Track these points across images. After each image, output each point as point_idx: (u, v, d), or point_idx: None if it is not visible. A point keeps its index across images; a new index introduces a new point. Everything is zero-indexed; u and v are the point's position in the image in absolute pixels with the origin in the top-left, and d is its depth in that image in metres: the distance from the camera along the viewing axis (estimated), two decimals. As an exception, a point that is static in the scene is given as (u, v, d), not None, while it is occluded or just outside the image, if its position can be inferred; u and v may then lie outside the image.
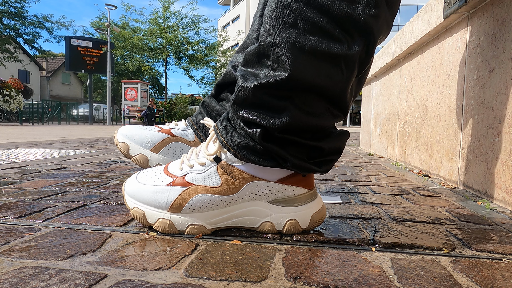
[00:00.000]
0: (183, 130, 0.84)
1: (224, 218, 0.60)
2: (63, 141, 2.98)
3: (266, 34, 0.53)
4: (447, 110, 1.21)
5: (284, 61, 0.51)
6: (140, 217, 0.60)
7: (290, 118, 0.53)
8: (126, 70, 19.77)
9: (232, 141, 0.57)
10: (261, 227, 0.60)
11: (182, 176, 0.60)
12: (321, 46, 0.50)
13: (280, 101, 0.54)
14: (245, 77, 0.56)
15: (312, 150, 0.58)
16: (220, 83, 0.85)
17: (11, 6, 15.40)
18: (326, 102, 0.55)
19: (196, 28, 18.21)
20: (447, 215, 0.75)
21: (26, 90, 9.92)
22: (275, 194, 0.60)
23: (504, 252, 0.54)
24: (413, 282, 0.43)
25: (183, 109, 16.31)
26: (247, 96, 0.55)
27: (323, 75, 0.52)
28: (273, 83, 0.52)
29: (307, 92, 0.53)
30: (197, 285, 0.41)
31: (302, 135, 0.56)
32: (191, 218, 0.59)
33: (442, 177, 1.23)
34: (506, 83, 0.83)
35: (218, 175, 0.59)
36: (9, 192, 0.87)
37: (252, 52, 0.56)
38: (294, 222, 0.59)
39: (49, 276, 0.42)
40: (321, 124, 0.57)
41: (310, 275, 0.44)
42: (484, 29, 0.96)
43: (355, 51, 0.52)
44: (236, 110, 0.57)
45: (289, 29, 0.51)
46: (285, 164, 0.57)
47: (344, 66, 0.52)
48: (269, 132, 0.55)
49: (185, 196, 0.58)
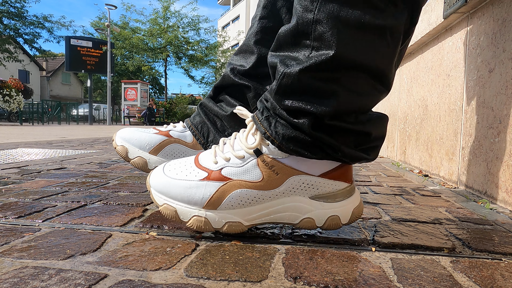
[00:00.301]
0: (181, 132, 0.84)
1: (262, 214, 0.57)
2: (63, 141, 2.98)
3: (305, 10, 0.49)
4: (447, 110, 1.21)
5: (329, 38, 0.48)
6: (172, 215, 0.56)
7: (340, 101, 0.50)
8: (126, 70, 19.77)
9: (276, 132, 0.53)
10: (301, 223, 0.57)
11: (218, 170, 0.56)
12: (365, 18, 0.47)
13: (328, 84, 0.50)
14: (284, 62, 0.52)
15: (359, 136, 0.55)
16: (218, 85, 0.84)
17: (11, 6, 15.41)
18: (372, 78, 0.52)
19: (196, 28, 18.22)
20: (447, 215, 0.75)
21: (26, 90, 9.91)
22: (317, 189, 0.57)
23: (504, 252, 0.54)
24: (413, 282, 0.43)
25: (183, 109, 16.32)
26: (291, 83, 0.51)
27: (369, 49, 0.49)
28: (319, 64, 0.49)
29: (353, 69, 0.50)
30: (197, 285, 0.41)
31: (347, 119, 0.53)
32: (228, 215, 0.55)
33: (442, 177, 1.23)
34: (506, 83, 0.83)
35: (259, 168, 0.55)
36: (9, 192, 0.87)
37: (287, 33, 0.52)
38: (336, 218, 0.57)
39: (49, 276, 0.42)
40: (368, 104, 0.54)
41: (310, 275, 0.44)
42: (484, 29, 0.96)
43: (401, 20, 0.49)
44: (279, 100, 0.53)
45: (330, 3, 0.47)
46: (335, 154, 0.54)
47: (390, 38, 0.49)
48: (319, 119, 0.51)
49: (223, 192, 0.55)
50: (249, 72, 0.78)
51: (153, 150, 0.80)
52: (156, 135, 0.82)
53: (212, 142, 0.82)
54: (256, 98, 0.79)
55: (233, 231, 0.55)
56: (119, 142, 0.82)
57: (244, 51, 0.81)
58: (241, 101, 0.81)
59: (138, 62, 17.53)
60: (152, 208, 0.74)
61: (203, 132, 0.83)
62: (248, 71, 0.78)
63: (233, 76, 0.80)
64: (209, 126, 0.82)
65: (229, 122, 0.80)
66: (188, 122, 0.85)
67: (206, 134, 0.82)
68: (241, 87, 0.80)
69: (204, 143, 0.82)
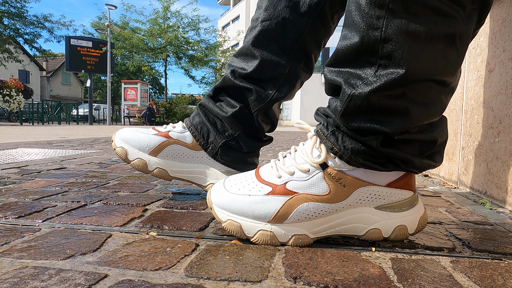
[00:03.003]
0: (180, 133, 0.83)
1: (328, 227, 0.56)
2: (63, 141, 2.98)
3: (370, 27, 0.46)
4: (447, 110, 1.21)
5: (399, 55, 0.46)
6: (236, 230, 0.55)
7: (412, 116, 0.49)
8: (126, 70, 19.78)
9: (345, 147, 0.52)
10: (367, 235, 0.56)
11: (282, 185, 0.55)
12: (436, 28, 0.45)
13: (398, 101, 0.48)
14: (349, 82, 0.50)
15: (424, 144, 0.53)
16: (219, 86, 0.83)
17: (11, 6, 15.41)
18: (438, 85, 0.49)
19: (196, 28, 18.22)
20: (447, 215, 0.75)
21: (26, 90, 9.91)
22: (383, 199, 0.56)
23: (504, 252, 0.54)
24: (413, 282, 0.43)
25: (183, 109, 16.33)
26: (360, 105, 0.49)
27: (438, 59, 0.47)
28: (389, 84, 0.47)
29: (422, 82, 0.48)
30: (197, 285, 0.41)
31: (413, 130, 0.51)
32: (295, 228, 0.54)
33: (442, 177, 1.23)
34: (506, 83, 0.83)
35: (325, 181, 0.54)
36: (9, 192, 0.87)
37: (348, 50, 0.50)
38: (403, 228, 0.56)
39: (49, 276, 0.42)
40: (439, 112, 0.52)
41: (310, 275, 0.44)
42: (484, 29, 0.96)
43: (470, 23, 0.46)
44: (345, 121, 0.52)
45: (398, 18, 0.45)
46: (406, 166, 0.53)
47: (459, 43, 0.47)
48: (389, 136, 0.50)
49: (290, 206, 0.54)
50: (250, 75, 0.77)
51: (153, 151, 0.80)
52: (155, 136, 0.81)
53: (212, 143, 0.81)
54: (257, 101, 0.78)
55: (299, 244, 0.55)
56: (118, 144, 0.81)
57: (245, 54, 0.79)
58: (242, 102, 0.80)
59: (138, 62, 17.53)
60: (152, 208, 0.74)
61: (202, 133, 0.82)
62: (249, 74, 0.77)
63: (233, 78, 0.79)
64: (209, 127, 0.81)
65: (230, 123, 0.80)
66: (188, 122, 0.84)
67: (206, 135, 0.81)
68: (242, 89, 0.79)
69: (204, 144, 0.81)
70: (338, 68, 0.52)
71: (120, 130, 0.84)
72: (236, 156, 0.82)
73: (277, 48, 0.76)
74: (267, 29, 0.75)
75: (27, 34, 16.40)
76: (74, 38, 14.99)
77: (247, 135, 0.81)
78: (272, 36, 0.75)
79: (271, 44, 0.76)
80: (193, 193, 0.91)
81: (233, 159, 0.82)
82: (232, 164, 0.82)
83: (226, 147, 0.81)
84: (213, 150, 0.81)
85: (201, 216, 0.69)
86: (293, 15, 0.74)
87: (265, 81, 0.77)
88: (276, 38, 0.75)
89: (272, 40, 0.75)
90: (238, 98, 0.81)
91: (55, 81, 29.95)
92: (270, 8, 0.75)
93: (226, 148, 0.81)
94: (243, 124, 0.80)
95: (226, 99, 0.82)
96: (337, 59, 0.52)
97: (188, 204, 0.79)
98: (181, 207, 0.76)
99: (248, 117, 0.80)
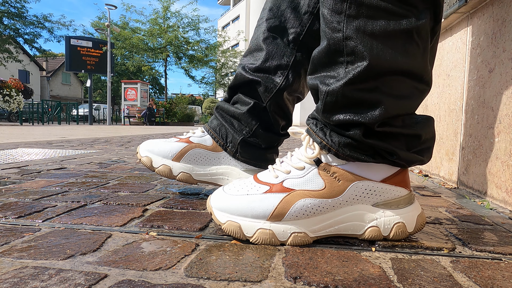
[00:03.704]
0: (200, 137, 0.87)
1: (327, 225, 0.57)
2: (63, 141, 2.98)
3: (333, 31, 0.53)
4: (447, 110, 1.21)
5: (360, 50, 0.51)
6: (236, 230, 0.55)
7: (386, 107, 0.53)
8: (126, 70, 19.78)
9: (332, 141, 0.56)
10: (366, 234, 0.57)
11: (279, 183, 0.57)
12: (389, 26, 0.50)
13: (370, 93, 0.53)
14: (324, 82, 0.55)
15: (410, 139, 0.57)
16: (232, 85, 0.88)
17: (11, 6, 15.41)
18: (411, 79, 0.54)
19: (196, 28, 18.22)
20: (447, 215, 0.75)
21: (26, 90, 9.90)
22: (379, 195, 0.57)
23: (504, 252, 0.54)
24: (413, 282, 0.43)
25: (183, 109, 16.31)
26: (336, 100, 0.54)
27: (401, 53, 0.52)
28: (357, 76, 0.52)
29: (390, 75, 0.53)
30: (197, 285, 0.41)
31: (396, 123, 0.55)
32: (293, 226, 0.55)
33: (442, 177, 1.23)
34: (506, 83, 0.83)
35: (320, 177, 0.56)
36: (9, 192, 0.87)
37: (321, 54, 0.56)
38: (402, 226, 0.57)
39: (49, 276, 0.42)
40: (413, 105, 0.56)
41: (310, 275, 0.44)
42: (484, 29, 0.96)
43: (424, 20, 0.51)
44: (328, 117, 0.56)
45: (355, 20, 0.51)
46: (391, 157, 0.56)
47: (418, 38, 0.52)
48: (369, 128, 0.54)
49: (287, 203, 0.55)
50: (259, 67, 0.82)
51: (176, 157, 0.84)
52: (177, 143, 0.85)
53: (231, 142, 0.85)
54: (267, 92, 0.82)
55: (299, 243, 0.55)
56: (143, 154, 0.86)
57: (253, 50, 0.85)
58: (255, 98, 0.84)
59: (138, 62, 17.53)
60: (152, 208, 0.74)
61: (221, 134, 0.86)
62: (258, 67, 0.82)
63: (244, 73, 0.84)
64: (227, 127, 0.86)
65: (246, 120, 0.84)
66: (207, 126, 0.89)
67: (225, 136, 0.86)
68: (252, 83, 0.83)
69: (224, 144, 0.86)
70: (316, 74, 0.58)
71: (144, 142, 0.89)
72: (255, 153, 0.85)
73: (282, 42, 0.82)
74: (271, 26, 0.82)
75: (27, 34, 16.40)
76: (74, 38, 14.99)
77: (263, 129, 0.85)
78: (276, 32, 0.82)
79: (276, 38, 0.82)
80: (193, 193, 0.91)
81: (253, 156, 0.85)
82: (252, 162, 0.85)
83: (245, 144, 0.85)
84: (233, 149, 0.85)
85: (201, 216, 0.69)
86: (294, 13, 0.80)
87: (273, 71, 0.82)
88: (280, 33, 0.82)
89: (277, 35, 0.82)
90: (251, 94, 0.85)
91: (55, 81, 29.95)
92: (274, 8, 0.82)
93: (244, 145, 0.85)
94: (259, 119, 0.85)
95: (240, 98, 0.86)
96: (314, 65, 0.58)
97: (188, 204, 0.79)
98: (181, 207, 0.76)
99: (262, 112, 0.84)
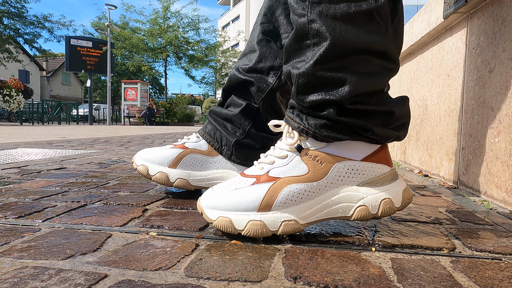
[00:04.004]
0: (195, 142, 0.87)
1: (316, 210, 0.58)
2: (63, 141, 2.98)
3: (299, 16, 0.56)
4: (447, 110, 1.21)
5: (323, 31, 0.54)
6: (227, 225, 0.56)
7: (353, 84, 0.55)
8: (126, 70, 19.77)
9: (309, 123, 0.58)
10: (355, 214, 0.58)
11: (265, 173, 0.59)
12: (350, 9, 0.54)
13: (338, 72, 0.55)
14: (295, 66, 0.58)
15: (385, 116, 0.59)
16: (226, 87, 0.88)
17: (11, 6, 15.40)
18: (377, 58, 0.57)
19: (196, 28, 18.22)
20: (447, 215, 0.75)
21: (26, 90, 9.90)
22: (362, 174, 0.59)
23: (504, 252, 0.54)
24: (413, 282, 0.43)
25: (183, 109, 16.31)
26: (307, 81, 0.57)
27: (363, 32, 0.54)
28: (323, 56, 0.55)
29: (356, 54, 0.55)
30: (197, 285, 0.41)
31: (369, 101, 0.57)
32: (283, 214, 0.56)
33: (442, 177, 1.23)
34: (506, 83, 0.83)
35: (303, 162, 0.58)
36: (9, 192, 0.87)
37: (291, 42, 0.59)
38: (389, 201, 0.58)
39: (49, 276, 0.42)
40: (381, 82, 0.58)
41: (310, 275, 0.44)
42: (484, 29, 0.96)
43: (383, 0, 0.54)
44: (302, 100, 0.58)
45: (318, 5, 0.54)
46: (367, 133, 0.58)
47: (378, 18, 0.55)
48: (341, 105, 0.56)
49: (274, 191, 0.57)
50: (252, 68, 0.83)
51: (172, 163, 0.84)
52: (172, 149, 0.85)
53: (226, 145, 0.86)
54: (259, 92, 0.83)
55: (290, 231, 0.56)
56: (139, 162, 0.86)
57: (248, 52, 0.86)
58: (248, 99, 0.84)
59: (138, 62, 17.52)
60: (152, 208, 0.74)
61: (216, 138, 0.87)
62: (251, 67, 0.83)
63: (238, 73, 0.85)
64: (220, 130, 0.86)
65: (239, 121, 0.84)
66: (201, 131, 0.89)
67: (219, 139, 0.86)
68: (245, 84, 0.84)
69: (219, 147, 0.86)
70: (289, 62, 0.61)
71: (139, 151, 0.89)
72: (250, 154, 0.86)
73: (275, 45, 0.83)
74: (265, 30, 0.84)
75: (27, 34, 16.40)
76: (74, 38, 14.99)
77: (257, 130, 0.85)
78: (270, 36, 0.83)
79: (270, 41, 0.83)
80: (193, 193, 0.91)
81: (248, 157, 0.86)
82: (248, 163, 0.86)
83: (239, 146, 0.85)
84: (228, 151, 0.85)
85: (201, 216, 0.69)
86: (287, 19, 0.82)
87: (266, 72, 0.83)
88: (273, 37, 0.83)
89: (271, 38, 0.83)
90: (244, 95, 0.85)
91: (55, 81, 29.95)
92: (268, 13, 0.84)
93: (239, 146, 0.85)
94: (252, 119, 0.85)
95: (233, 101, 0.87)
96: (287, 53, 0.61)
97: (188, 204, 0.79)
98: (181, 207, 0.76)
99: (255, 112, 0.85)
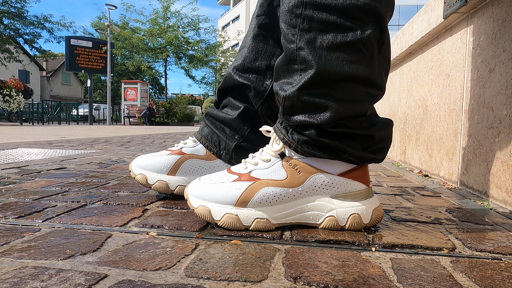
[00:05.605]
0: (193, 147, 0.85)
1: (288, 213, 0.62)
2: (63, 141, 2.98)
3: (289, 42, 0.59)
4: (447, 110, 1.21)
5: (310, 59, 0.57)
6: (206, 214, 0.62)
7: (336, 110, 0.58)
8: (126, 70, 19.77)
9: (293, 138, 0.62)
10: (324, 223, 0.62)
11: (247, 173, 0.64)
12: (336, 39, 0.56)
13: (322, 98, 0.59)
14: (282, 88, 0.62)
15: (365, 139, 0.62)
16: (221, 88, 0.86)
17: (12, 6, 15.41)
18: (362, 85, 0.59)
19: (196, 28, 18.22)
20: (447, 215, 0.75)
21: (26, 90, 9.90)
22: (337, 188, 0.62)
23: (504, 252, 0.54)
24: (413, 282, 0.43)
25: (183, 109, 16.31)
26: (292, 104, 0.60)
27: (348, 62, 0.57)
28: (308, 82, 0.58)
29: (341, 82, 0.58)
30: (197, 285, 0.41)
31: (352, 125, 0.60)
32: (257, 212, 0.61)
33: (442, 177, 1.23)
34: (506, 83, 0.83)
35: (283, 168, 0.62)
36: (9, 192, 0.87)
37: (280, 63, 0.63)
38: (357, 217, 0.61)
39: (49, 276, 0.42)
40: (364, 108, 0.61)
41: (310, 275, 0.44)
42: (484, 29, 0.96)
43: (369, 32, 0.57)
44: (287, 119, 0.62)
45: (307, 34, 0.57)
46: (344, 154, 0.61)
47: (364, 48, 0.57)
48: (322, 128, 0.60)
49: (252, 190, 0.61)
50: (248, 67, 0.80)
51: (171, 170, 0.82)
52: (169, 156, 0.83)
53: (225, 149, 0.83)
54: (257, 97, 0.80)
55: (261, 228, 0.60)
56: (137, 171, 0.83)
57: (242, 47, 0.83)
58: (245, 101, 0.82)
59: (138, 62, 17.52)
60: (152, 208, 0.74)
61: (213, 142, 0.84)
62: (247, 66, 0.80)
63: (234, 74, 0.81)
64: (218, 134, 0.83)
65: (237, 125, 0.82)
66: (198, 135, 0.86)
67: (217, 143, 0.84)
68: (242, 87, 0.81)
69: (217, 151, 0.83)
70: (278, 81, 0.65)
71: (135, 158, 0.86)
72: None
73: (272, 41, 0.81)
74: (262, 23, 0.80)
75: (27, 34, 16.40)
76: (74, 38, 14.98)
77: (256, 133, 0.83)
78: (267, 30, 0.80)
79: (267, 37, 0.81)
80: (193, 193, 0.91)
81: None
82: None
83: (239, 150, 0.83)
84: (227, 155, 0.83)
85: (201, 216, 0.69)
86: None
87: (262, 72, 0.81)
88: (270, 32, 0.81)
89: (267, 33, 0.81)
90: (241, 97, 0.82)
91: (55, 81, 29.95)
92: (264, 4, 0.80)
93: (239, 150, 0.83)
94: (251, 123, 0.83)
95: (230, 102, 0.84)
96: (277, 73, 0.65)
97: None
98: (181, 207, 0.76)
99: (254, 115, 0.82)
